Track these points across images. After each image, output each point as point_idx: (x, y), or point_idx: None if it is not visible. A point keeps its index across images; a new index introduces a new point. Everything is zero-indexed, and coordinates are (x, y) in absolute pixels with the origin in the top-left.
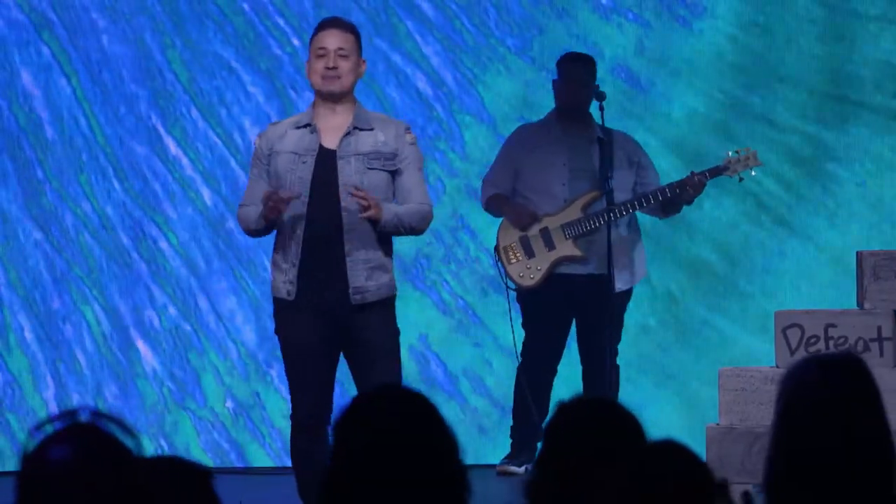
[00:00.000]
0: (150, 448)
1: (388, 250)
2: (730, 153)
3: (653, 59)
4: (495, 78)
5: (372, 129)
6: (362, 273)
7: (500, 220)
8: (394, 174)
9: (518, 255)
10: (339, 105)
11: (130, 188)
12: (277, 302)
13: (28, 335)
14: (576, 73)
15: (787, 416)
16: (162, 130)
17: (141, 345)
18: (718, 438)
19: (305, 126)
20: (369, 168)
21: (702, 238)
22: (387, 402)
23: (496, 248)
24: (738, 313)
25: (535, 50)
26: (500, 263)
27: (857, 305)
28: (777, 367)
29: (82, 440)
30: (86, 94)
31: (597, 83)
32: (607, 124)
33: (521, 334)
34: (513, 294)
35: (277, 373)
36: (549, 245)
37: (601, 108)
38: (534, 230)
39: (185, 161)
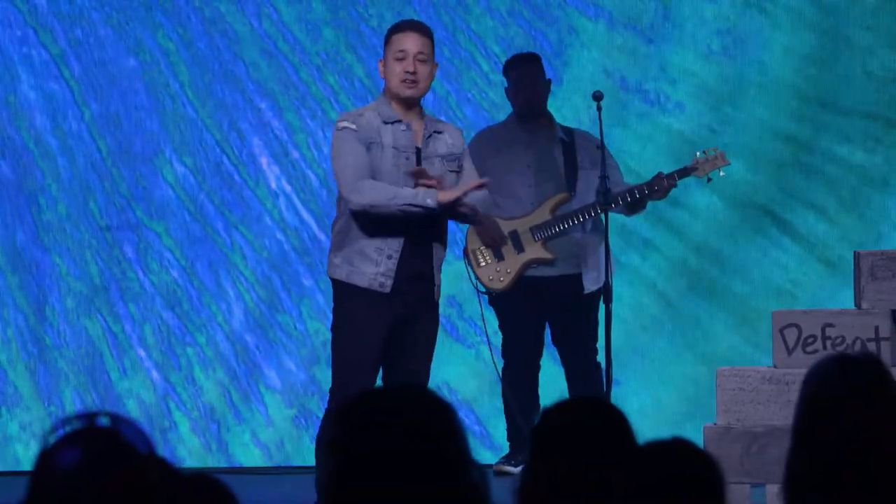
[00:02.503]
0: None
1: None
2: (698, 153)
3: (673, 79)
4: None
5: (442, 133)
6: (438, 271)
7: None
8: (457, 174)
9: (487, 258)
10: (413, 108)
11: (144, 217)
12: (360, 291)
13: (37, 363)
14: (527, 73)
15: (808, 415)
16: (175, 161)
17: (143, 354)
18: (716, 438)
19: (396, 122)
20: (450, 170)
21: (695, 238)
22: (395, 399)
23: (465, 251)
24: (732, 313)
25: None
26: (469, 266)
27: (855, 305)
28: (774, 366)
29: (97, 444)
30: (97, 125)
31: (548, 79)
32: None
33: (498, 337)
34: (485, 297)
35: (274, 374)
36: (518, 248)
37: (599, 108)
38: (504, 232)
39: (202, 198)
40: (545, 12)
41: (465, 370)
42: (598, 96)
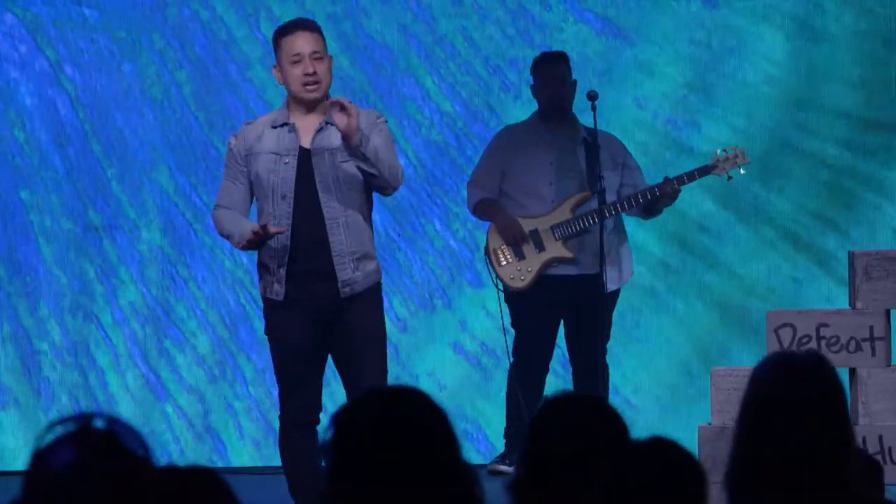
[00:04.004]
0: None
1: (370, 237)
2: (718, 151)
3: (692, 90)
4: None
5: None
6: (349, 266)
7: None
8: None
9: (508, 256)
10: (317, 105)
11: (143, 227)
12: (267, 301)
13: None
14: (555, 72)
15: (750, 413)
16: (176, 172)
17: (140, 360)
18: (711, 438)
19: (283, 125)
20: (342, 161)
21: (691, 240)
22: (388, 400)
23: (486, 250)
24: (726, 313)
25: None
26: (490, 265)
27: (850, 305)
28: None
29: (92, 444)
30: (98, 134)
31: (574, 80)
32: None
33: (510, 334)
34: (501, 295)
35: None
36: (539, 247)
37: (593, 108)
38: (524, 231)
39: (202, 207)
40: (547, 22)
41: (465, 380)
42: (592, 96)
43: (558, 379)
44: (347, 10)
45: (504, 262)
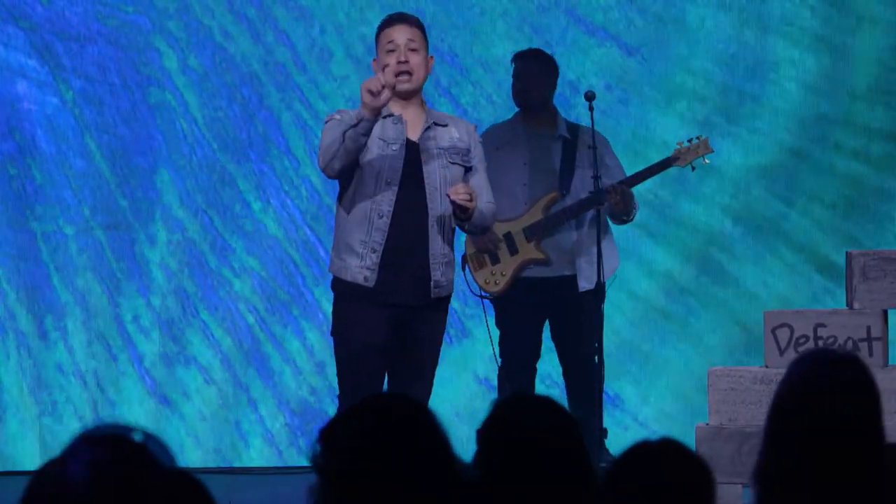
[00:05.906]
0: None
1: (453, 247)
2: (682, 142)
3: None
4: None
5: (447, 126)
6: (440, 267)
7: None
8: (467, 170)
9: (484, 261)
10: (411, 101)
11: (144, 240)
12: (348, 286)
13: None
14: (524, 71)
15: (781, 411)
16: (179, 184)
17: (140, 361)
18: (708, 438)
19: (388, 116)
20: (451, 163)
21: (689, 242)
22: (380, 407)
23: (463, 257)
24: (723, 313)
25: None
26: (468, 270)
27: (847, 305)
28: (766, 367)
29: (123, 456)
30: (98, 142)
31: (553, 76)
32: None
33: (496, 334)
34: (487, 297)
35: (268, 374)
36: (513, 249)
37: (590, 108)
38: (498, 236)
39: (202, 214)
40: (562, 43)
41: (481, 405)
42: (589, 96)
43: (554, 382)
44: (356, 27)
45: (479, 268)
